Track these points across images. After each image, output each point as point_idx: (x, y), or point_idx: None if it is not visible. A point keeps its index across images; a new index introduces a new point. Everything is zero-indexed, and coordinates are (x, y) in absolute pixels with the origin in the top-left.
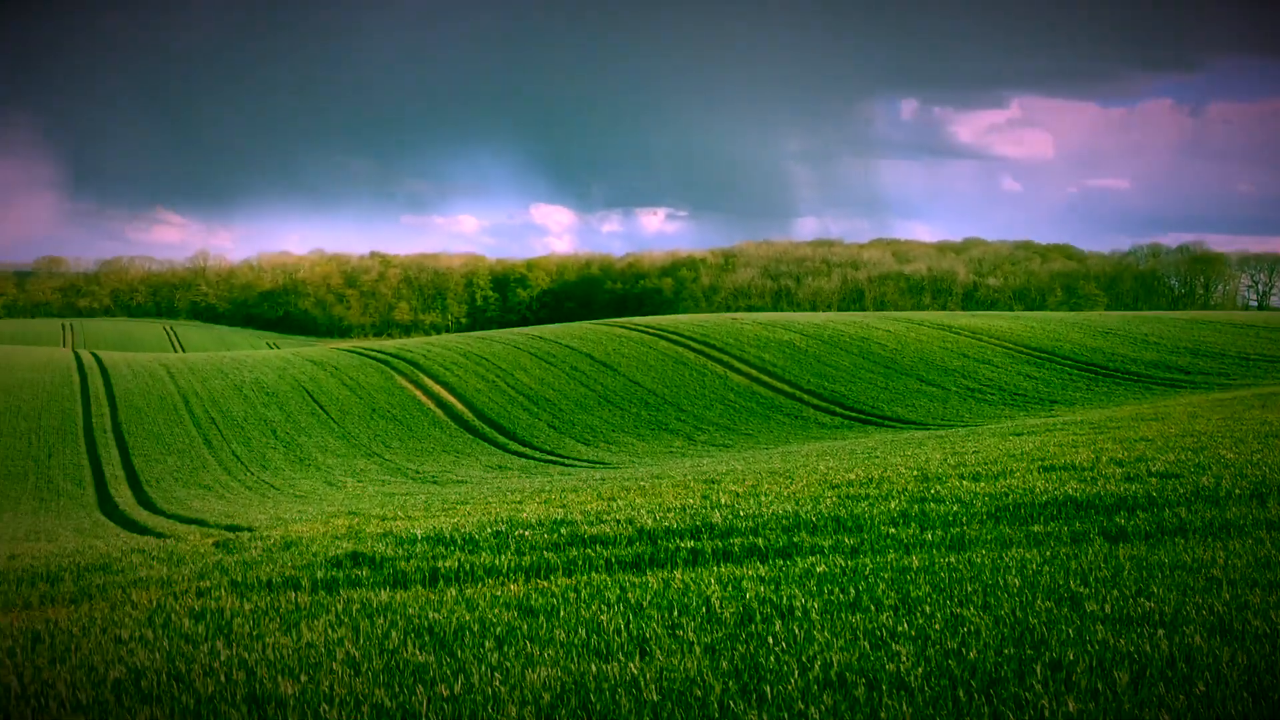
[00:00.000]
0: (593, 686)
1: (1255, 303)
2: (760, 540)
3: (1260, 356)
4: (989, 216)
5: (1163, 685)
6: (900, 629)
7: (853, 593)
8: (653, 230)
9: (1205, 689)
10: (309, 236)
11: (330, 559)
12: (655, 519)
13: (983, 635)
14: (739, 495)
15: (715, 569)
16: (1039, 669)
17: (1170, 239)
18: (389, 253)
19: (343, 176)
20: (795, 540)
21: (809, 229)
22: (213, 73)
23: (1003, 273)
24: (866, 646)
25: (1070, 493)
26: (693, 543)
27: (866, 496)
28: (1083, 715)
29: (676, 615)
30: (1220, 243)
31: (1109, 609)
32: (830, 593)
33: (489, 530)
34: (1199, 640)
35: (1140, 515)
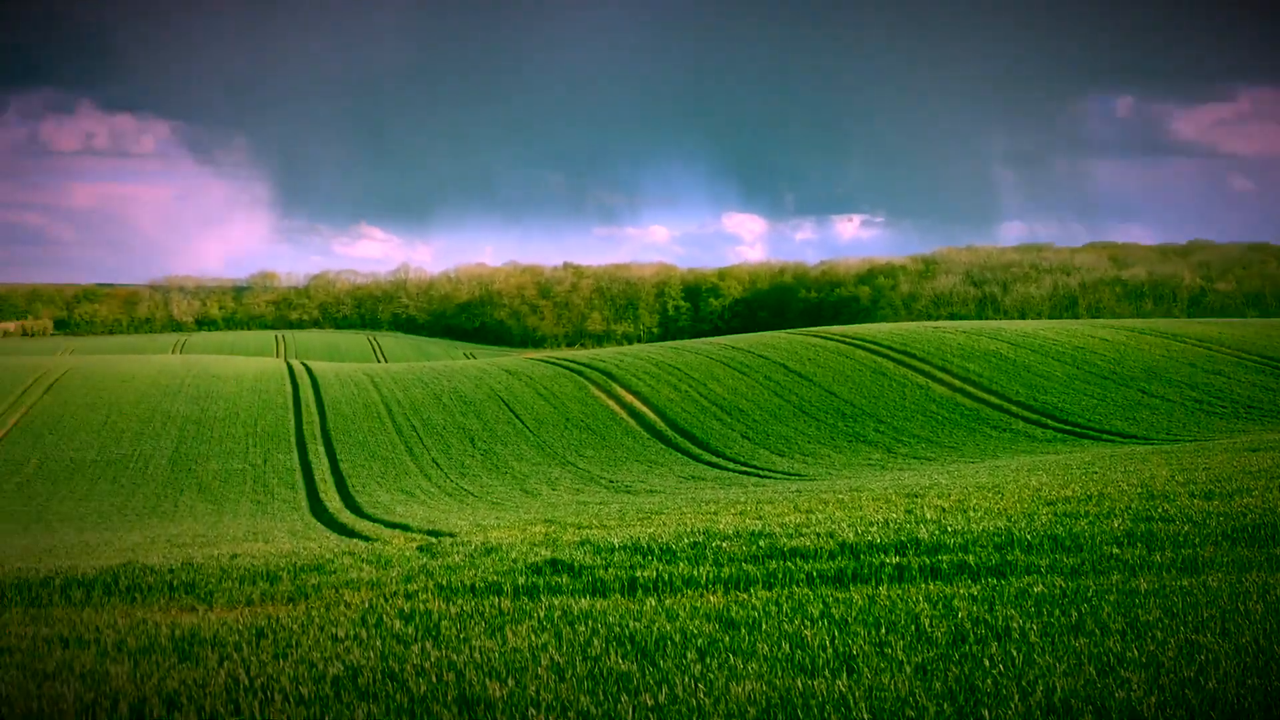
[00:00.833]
0: (799, 703)
1: None
2: (970, 557)
3: None
4: (1216, 217)
5: None
6: (1129, 655)
7: (1075, 615)
8: (848, 237)
9: None
10: (503, 248)
11: (530, 565)
12: (857, 533)
13: (1222, 665)
14: (945, 510)
15: (923, 586)
16: None
17: None
18: (581, 263)
19: (536, 190)
20: (1008, 558)
21: (1014, 233)
22: (410, 93)
23: (1234, 277)
24: (1093, 673)
25: None
26: (898, 558)
27: (1085, 514)
28: None
29: (884, 632)
30: None
31: None
32: (1050, 614)
33: (686, 541)
34: None
35: None
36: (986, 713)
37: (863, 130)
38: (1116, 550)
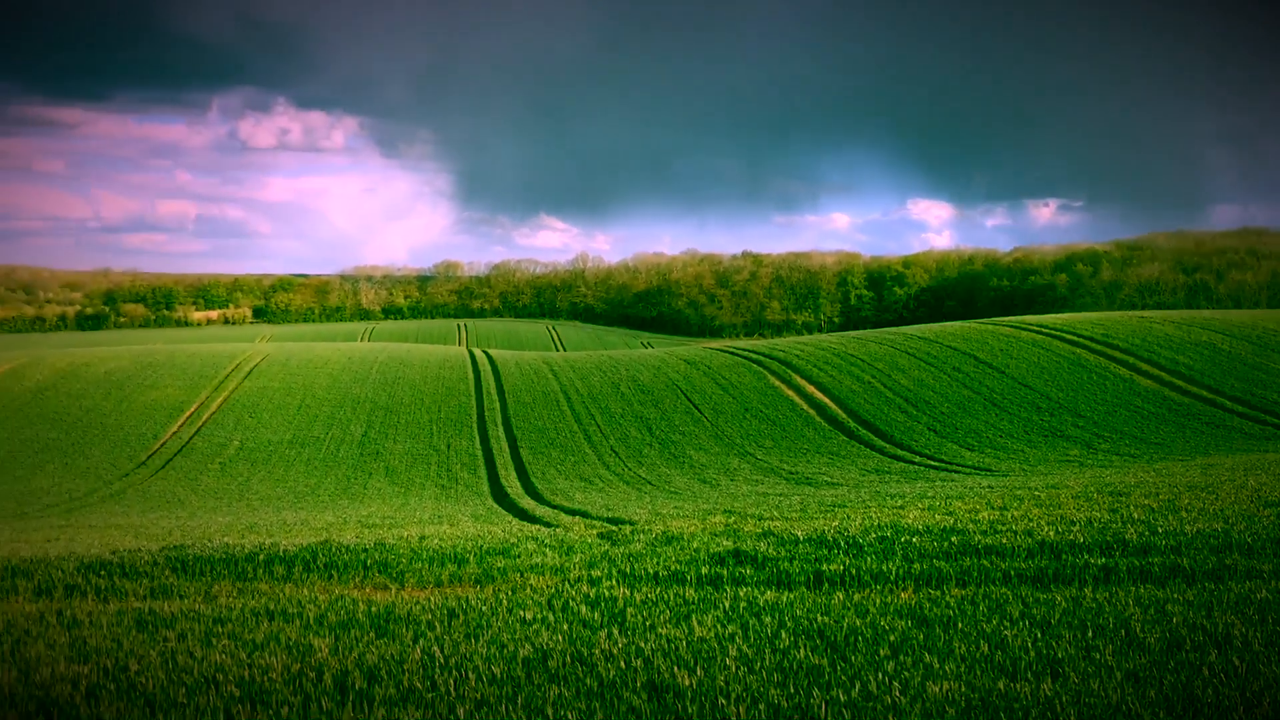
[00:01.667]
0: (1001, 705)
1: None
2: (1184, 560)
3: None
4: None
5: None
6: None
7: None
8: (1043, 222)
9: None
10: (680, 237)
11: (712, 555)
12: (1058, 532)
13: None
14: (1154, 510)
15: (1132, 589)
16: None
17: None
18: (760, 252)
19: (713, 178)
20: (1226, 562)
21: (1228, 217)
22: (588, 85)
23: None
24: None
25: None
26: (1103, 559)
27: None
28: None
29: (1090, 636)
30: None
31: None
32: (1275, 622)
33: (873, 535)
34: None
35: None
36: None
37: (1057, 111)
38: None
